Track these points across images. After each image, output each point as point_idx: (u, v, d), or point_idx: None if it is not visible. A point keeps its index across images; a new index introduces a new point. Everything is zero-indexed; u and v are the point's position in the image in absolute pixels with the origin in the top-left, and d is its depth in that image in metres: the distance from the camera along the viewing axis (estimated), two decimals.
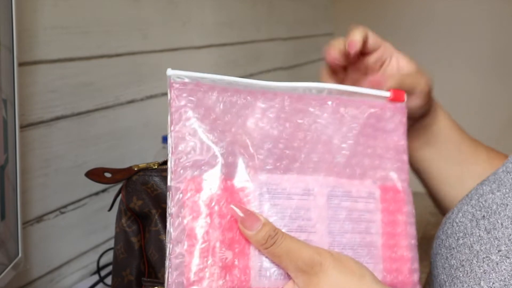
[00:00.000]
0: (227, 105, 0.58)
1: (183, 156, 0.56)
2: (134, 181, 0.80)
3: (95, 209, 1.15)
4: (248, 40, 1.80)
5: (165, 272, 0.54)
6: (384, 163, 0.62)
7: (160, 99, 1.36)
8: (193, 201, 0.54)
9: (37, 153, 1.00)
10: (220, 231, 0.54)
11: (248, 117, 0.58)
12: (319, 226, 0.58)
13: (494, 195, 0.66)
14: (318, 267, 0.53)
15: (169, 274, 0.54)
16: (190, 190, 0.55)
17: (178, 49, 1.43)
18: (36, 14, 0.99)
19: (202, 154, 0.56)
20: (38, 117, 1.00)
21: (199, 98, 0.57)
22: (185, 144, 0.57)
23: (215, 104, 0.57)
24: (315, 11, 2.36)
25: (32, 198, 0.99)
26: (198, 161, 0.56)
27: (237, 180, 0.56)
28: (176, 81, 0.58)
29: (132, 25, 1.25)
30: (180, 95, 0.58)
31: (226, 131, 0.57)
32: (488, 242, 0.62)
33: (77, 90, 1.09)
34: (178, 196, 0.55)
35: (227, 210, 0.54)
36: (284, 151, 0.58)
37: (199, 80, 0.58)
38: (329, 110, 0.61)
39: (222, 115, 0.57)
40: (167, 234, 0.55)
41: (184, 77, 0.58)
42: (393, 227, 0.61)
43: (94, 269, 1.13)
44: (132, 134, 1.26)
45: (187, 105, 0.57)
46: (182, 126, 0.57)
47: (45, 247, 1.03)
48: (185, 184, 0.55)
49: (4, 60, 0.78)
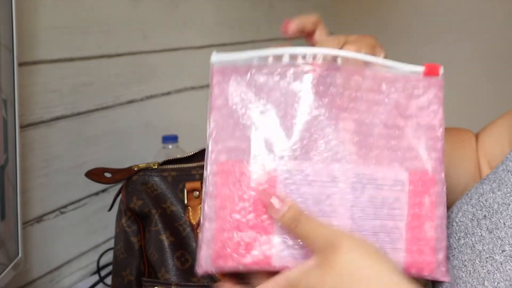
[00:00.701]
0: (261, 87, 0.60)
1: (219, 142, 0.60)
2: (134, 181, 0.80)
3: (95, 209, 1.15)
4: (248, 40, 1.80)
5: (197, 246, 0.59)
6: (414, 143, 0.62)
7: (160, 99, 1.36)
8: (224, 183, 0.58)
9: (37, 153, 1.00)
10: (246, 211, 0.58)
11: (282, 101, 0.59)
12: (341, 211, 0.59)
13: (495, 194, 0.66)
14: (336, 247, 0.54)
15: (200, 248, 0.58)
16: (223, 172, 0.58)
17: (178, 49, 1.43)
18: (36, 14, 0.99)
19: (235, 139, 0.60)
20: (38, 117, 1.00)
21: (238, 82, 0.60)
22: (220, 129, 0.60)
23: (249, 87, 0.60)
24: (315, 11, 2.35)
25: (32, 198, 0.99)
26: (231, 147, 0.59)
27: (265, 165, 0.58)
28: (217, 67, 0.61)
29: (132, 25, 1.25)
30: (220, 81, 0.61)
31: (258, 116, 0.59)
32: (490, 242, 0.62)
33: (77, 90, 1.09)
34: (211, 178, 0.59)
35: (255, 193, 0.58)
36: (314, 137, 0.59)
37: (238, 63, 0.60)
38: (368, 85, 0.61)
39: (257, 98, 0.60)
40: (201, 210, 0.59)
41: (226, 62, 0.61)
42: (419, 209, 0.61)
43: (94, 269, 1.13)
44: (132, 134, 1.26)
45: (225, 91, 0.60)
46: (219, 112, 0.61)
47: (45, 247, 1.03)
48: (218, 167, 0.59)
49: (4, 60, 0.78)
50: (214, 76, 0.61)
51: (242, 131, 0.59)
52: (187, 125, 1.46)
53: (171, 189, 0.79)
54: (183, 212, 0.78)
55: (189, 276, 0.77)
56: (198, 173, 0.78)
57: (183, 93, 1.46)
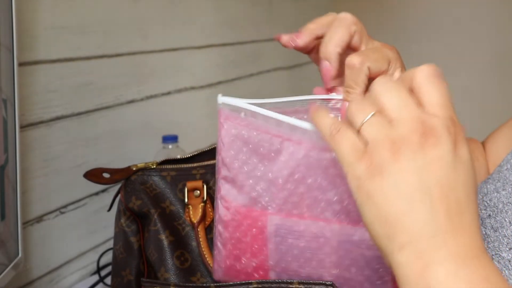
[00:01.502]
0: (258, 144, 0.62)
1: (221, 180, 0.63)
2: (133, 181, 0.80)
3: (95, 209, 1.15)
4: (248, 40, 1.80)
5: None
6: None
7: (160, 99, 1.36)
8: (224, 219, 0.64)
9: (37, 153, 1.00)
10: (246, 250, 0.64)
11: (275, 159, 0.61)
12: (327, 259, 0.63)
13: (499, 193, 0.66)
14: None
15: (214, 259, 0.66)
16: (224, 209, 0.63)
17: (178, 49, 1.43)
18: (36, 14, 0.99)
19: (234, 182, 0.63)
20: (38, 117, 1.00)
21: (239, 132, 0.62)
22: (226, 171, 0.63)
23: (249, 140, 0.62)
24: (315, 11, 2.36)
25: (32, 198, 0.99)
26: (230, 188, 0.63)
27: (258, 213, 0.62)
28: (224, 109, 0.62)
29: (132, 25, 1.25)
30: (227, 124, 0.62)
31: (255, 168, 0.62)
32: (496, 240, 0.62)
33: (77, 90, 1.09)
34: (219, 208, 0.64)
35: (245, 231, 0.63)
36: (304, 196, 0.61)
37: (241, 112, 0.62)
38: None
39: (253, 153, 0.62)
40: (214, 228, 0.65)
41: (231, 106, 0.62)
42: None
43: (94, 269, 1.13)
44: (132, 134, 1.26)
45: (231, 135, 0.62)
46: (226, 153, 0.62)
47: (45, 247, 1.03)
48: (220, 202, 0.64)
49: (4, 60, 0.78)
50: (221, 117, 0.63)
51: (245, 175, 0.62)
52: (187, 125, 1.47)
53: (170, 189, 0.79)
54: (183, 212, 0.78)
55: (188, 276, 0.77)
56: (198, 173, 0.78)
57: (183, 93, 1.46)
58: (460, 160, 0.47)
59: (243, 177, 0.61)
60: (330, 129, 0.51)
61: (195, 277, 0.77)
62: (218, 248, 0.65)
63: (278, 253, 0.62)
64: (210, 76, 1.59)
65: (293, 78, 2.11)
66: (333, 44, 0.62)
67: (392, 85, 0.50)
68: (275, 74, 1.98)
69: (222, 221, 0.64)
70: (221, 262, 0.65)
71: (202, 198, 0.77)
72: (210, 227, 0.77)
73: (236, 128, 0.61)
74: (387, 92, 0.49)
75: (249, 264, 0.64)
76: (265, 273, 0.64)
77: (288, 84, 2.07)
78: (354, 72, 0.59)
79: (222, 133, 0.62)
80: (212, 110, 1.77)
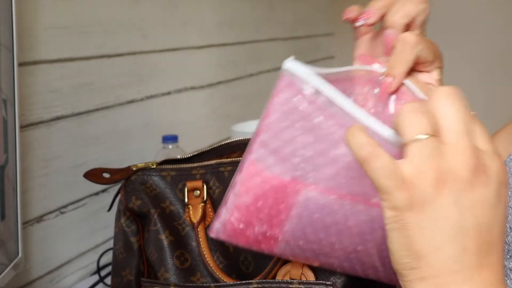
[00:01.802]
0: (318, 126, 0.58)
1: (258, 143, 0.59)
2: (132, 181, 0.80)
3: (95, 209, 1.15)
4: (248, 40, 1.80)
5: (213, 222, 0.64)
6: None
7: (160, 99, 1.36)
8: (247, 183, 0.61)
9: (37, 153, 1.00)
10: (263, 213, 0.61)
11: (333, 148, 0.57)
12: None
13: None
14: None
15: (219, 215, 0.63)
16: (252, 173, 0.60)
17: (178, 49, 1.43)
18: (36, 14, 0.99)
19: (276, 153, 0.59)
20: (38, 117, 1.00)
21: (299, 106, 0.58)
22: (268, 137, 0.59)
23: (308, 118, 0.58)
24: (315, 11, 2.36)
25: (32, 198, 0.99)
26: (267, 155, 0.59)
27: (291, 185, 0.59)
28: (288, 75, 0.58)
29: (132, 25, 1.25)
30: (288, 92, 0.58)
31: (307, 147, 0.58)
32: None
33: (77, 90, 1.09)
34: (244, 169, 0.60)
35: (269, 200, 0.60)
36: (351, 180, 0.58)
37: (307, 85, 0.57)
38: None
39: (309, 132, 0.58)
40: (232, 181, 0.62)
41: (297, 75, 0.58)
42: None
43: (94, 269, 1.13)
44: (132, 134, 1.26)
45: (289, 105, 0.58)
46: (276, 121, 0.59)
47: (45, 247, 1.03)
48: (249, 165, 0.60)
49: (4, 60, 0.78)
50: (282, 82, 0.59)
51: (292, 149, 0.58)
52: (187, 125, 1.47)
53: (170, 189, 0.79)
54: (183, 212, 0.78)
55: (188, 276, 0.77)
56: (198, 173, 0.78)
57: (183, 93, 1.46)
58: (501, 200, 0.46)
59: (289, 151, 0.58)
60: (363, 154, 0.47)
61: (195, 277, 0.77)
62: (229, 209, 0.62)
63: (298, 226, 0.61)
64: (210, 76, 1.59)
65: None
66: (401, 15, 0.61)
67: (460, 107, 0.46)
68: (275, 74, 1.97)
69: (244, 184, 0.61)
70: (227, 223, 0.63)
71: (202, 198, 0.77)
72: (210, 227, 0.77)
73: (298, 100, 0.57)
74: (453, 113, 0.46)
75: (262, 232, 0.62)
76: (274, 243, 0.63)
77: None
78: (406, 49, 0.57)
79: (279, 99, 0.58)
80: (212, 110, 1.77)
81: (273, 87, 0.60)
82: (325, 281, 0.69)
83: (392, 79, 0.57)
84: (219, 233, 0.64)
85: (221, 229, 0.64)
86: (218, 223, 0.64)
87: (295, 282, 0.69)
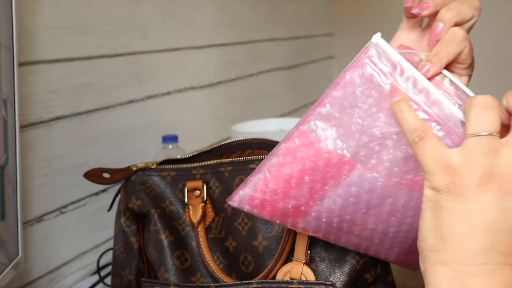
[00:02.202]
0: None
1: (317, 114, 0.57)
2: (132, 181, 0.80)
3: (95, 209, 1.15)
4: (248, 40, 1.80)
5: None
6: None
7: (160, 99, 1.36)
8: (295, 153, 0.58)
9: (37, 153, 1.00)
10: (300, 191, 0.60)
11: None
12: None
13: None
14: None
15: (245, 184, 0.61)
16: (304, 143, 0.58)
17: (178, 49, 1.43)
18: (36, 14, 0.99)
19: (338, 127, 0.57)
20: (38, 117, 1.00)
21: (380, 84, 0.54)
22: (332, 110, 0.56)
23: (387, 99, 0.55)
24: (315, 11, 2.36)
25: (32, 198, 0.99)
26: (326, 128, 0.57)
27: (346, 162, 0.57)
28: (375, 50, 0.54)
29: (132, 25, 1.25)
30: (372, 68, 0.54)
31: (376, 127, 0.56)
32: None
33: (77, 90, 1.09)
34: (294, 138, 0.58)
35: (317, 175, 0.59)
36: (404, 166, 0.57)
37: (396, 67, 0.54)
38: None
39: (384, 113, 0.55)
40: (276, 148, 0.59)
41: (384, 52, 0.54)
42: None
43: (94, 269, 1.13)
44: (132, 134, 1.26)
45: (369, 82, 0.55)
46: (349, 94, 0.55)
47: (45, 247, 1.03)
48: (300, 134, 0.58)
49: (4, 60, 0.78)
50: (369, 55, 0.54)
51: (358, 127, 0.56)
52: (187, 125, 1.47)
53: (170, 189, 0.79)
54: (183, 212, 0.78)
55: (188, 276, 0.77)
56: (198, 173, 0.78)
57: (183, 93, 1.46)
58: None
59: (354, 129, 0.55)
60: (413, 136, 0.50)
61: (195, 277, 0.77)
62: (262, 178, 0.59)
63: (339, 204, 0.60)
64: (210, 76, 1.59)
65: (293, 78, 2.11)
66: (455, 13, 0.61)
67: None
68: (275, 74, 1.98)
69: (291, 154, 0.58)
70: (256, 192, 0.60)
71: (202, 198, 0.77)
72: (210, 227, 0.77)
73: (381, 79, 0.54)
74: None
75: (296, 205, 0.61)
76: (303, 217, 0.61)
77: (288, 84, 2.07)
78: (454, 41, 0.58)
79: (359, 73, 0.54)
80: (212, 110, 1.77)
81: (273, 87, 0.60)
82: (325, 281, 0.69)
83: (431, 65, 0.57)
84: (243, 202, 0.61)
85: (246, 198, 0.61)
86: (244, 192, 0.61)
87: (295, 282, 0.69)
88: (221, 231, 0.76)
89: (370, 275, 0.72)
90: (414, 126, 0.50)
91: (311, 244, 0.71)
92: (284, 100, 2.04)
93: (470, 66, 0.62)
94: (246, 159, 0.75)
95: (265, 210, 0.61)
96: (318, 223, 0.63)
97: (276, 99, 2.00)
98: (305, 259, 0.70)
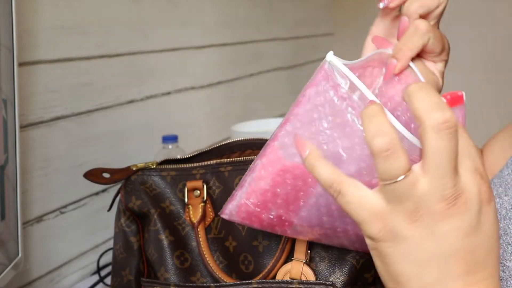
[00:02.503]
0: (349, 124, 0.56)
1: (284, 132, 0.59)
2: (132, 181, 0.80)
3: (95, 209, 1.15)
4: (248, 40, 1.80)
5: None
6: None
7: (160, 99, 1.36)
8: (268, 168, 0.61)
9: (37, 153, 1.00)
10: (281, 200, 0.61)
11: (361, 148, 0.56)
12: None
13: (501, 199, 0.64)
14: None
15: (233, 197, 0.63)
16: (273, 160, 0.60)
17: (178, 49, 1.43)
18: (36, 14, 0.99)
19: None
20: (38, 117, 1.00)
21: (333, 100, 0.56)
22: (294, 125, 0.59)
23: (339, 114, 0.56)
24: (315, 11, 2.36)
25: (32, 198, 0.99)
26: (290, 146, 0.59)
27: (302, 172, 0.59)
28: (328, 68, 0.57)
29: (132, 25, 1.25)
30: (325, 85, 0.57)
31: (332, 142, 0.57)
32: (501, 248, 0.61)
33: (77, 90, 1.09)
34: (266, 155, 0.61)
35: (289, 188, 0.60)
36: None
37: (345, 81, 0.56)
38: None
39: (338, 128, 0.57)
40: (251, 165, 0.62)
41: (336, 68, 0.56)
42: None
43: (94, 269, 1.13)
44: (132, 134, 1.26)
45: (324, 98, 0.57)
46: (307, 111, 0.58)
47: (45, 247, 1.03)
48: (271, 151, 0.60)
49: (4, 60, 0.78)
50: (321, 73, 0.57)
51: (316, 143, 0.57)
52: (187, 125, 1.47)
53: (170, 189, 0.79)
54: (183, 212, 0.78)
55: (188, 276, 0.77)
56: (198, 173, 0.78)
57: (183, 93, 1.46)
58: (486, 217, 0.46)
59: (315, 143, 0.56)
60: (331, 192, 0.48)
61: (195, 277, 0.77)
62: (245, 192, 0.62)
63: (315, 214, 0.62)
64: (210, 76, 1.59)
65: (293, 78, 2.11)
66: (418, 5, 0.62)
67: (444, 136, 0.44)
68: (275, 74, 1.98)
69: (264, 169, 0.61)
70: (242, 205, 0.63)
71: (202, 198, 0.77)
72: (210, 227, 0.77)
73: (333, 95, 0.55)
74: (436, 145, 0.44)
75: (277, 216, 0.63)
76: (289, 226, 0.64)
77: (287, 84, 2.07)
78: (416, 35, 0.59)
79: (314, 91, 0.57)
80: (212, 110, 1.77)
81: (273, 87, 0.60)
82: (325, 281, 0.69)
83: (397, 62, 0.58)
84: (233, 215, 0.64)
85: (235, 211, 0.64)
86: (232, 205, 0.64)
87: (295, 282, 0.69)
88: (221, 231, 0.76)
89: (370, 275, 0.72)
90: (328, 182, 0.48)
91: (311, 243, 0.71)
92: (284, 100, 2.04)
93: (442, 53, 0.63)
94: (246, 159, 0.75)
95: (253, 221, 0.64)
96: (304, 230, 0.64)
97: (276, 99, 2.00)
98: (305, 258, 0.70)
